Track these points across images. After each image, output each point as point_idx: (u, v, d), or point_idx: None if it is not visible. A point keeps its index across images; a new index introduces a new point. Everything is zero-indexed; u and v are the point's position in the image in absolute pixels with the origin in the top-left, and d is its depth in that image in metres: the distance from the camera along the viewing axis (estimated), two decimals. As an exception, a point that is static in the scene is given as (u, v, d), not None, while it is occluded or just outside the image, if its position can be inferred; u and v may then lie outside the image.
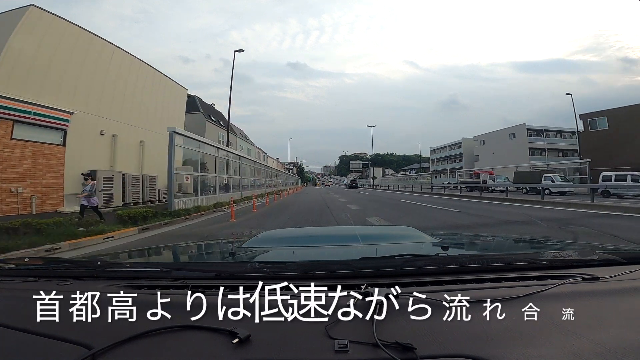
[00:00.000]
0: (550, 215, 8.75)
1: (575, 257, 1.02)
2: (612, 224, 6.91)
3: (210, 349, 0.61)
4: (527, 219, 7.87)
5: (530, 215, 8.58)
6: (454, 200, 15.90)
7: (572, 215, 8.86)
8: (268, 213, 11.02)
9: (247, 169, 21.80)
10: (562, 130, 41.77)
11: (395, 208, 12.08)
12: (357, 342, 0.61)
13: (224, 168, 16.64)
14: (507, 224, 7.52)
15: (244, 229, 7.12)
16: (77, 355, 0.59)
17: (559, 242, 1.58)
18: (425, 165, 75.32)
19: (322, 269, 0.91)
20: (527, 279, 0.87)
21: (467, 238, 2.14)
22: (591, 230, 6.11)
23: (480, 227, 7.27)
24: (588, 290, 0.80)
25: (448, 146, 60.36)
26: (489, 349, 0.59)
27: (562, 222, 7.29)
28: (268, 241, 1.58)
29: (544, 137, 41.31)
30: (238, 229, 7.39)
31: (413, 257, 0.97)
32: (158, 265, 1.06)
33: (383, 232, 2.01)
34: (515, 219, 8.23)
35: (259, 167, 26.69)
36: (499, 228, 7.09)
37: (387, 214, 9.82)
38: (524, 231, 6.18)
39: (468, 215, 9.19)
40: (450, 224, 7.65)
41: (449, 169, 56.71)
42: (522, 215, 8.73)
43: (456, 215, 9.32)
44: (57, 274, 0.96)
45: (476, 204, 13.51)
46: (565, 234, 5.76)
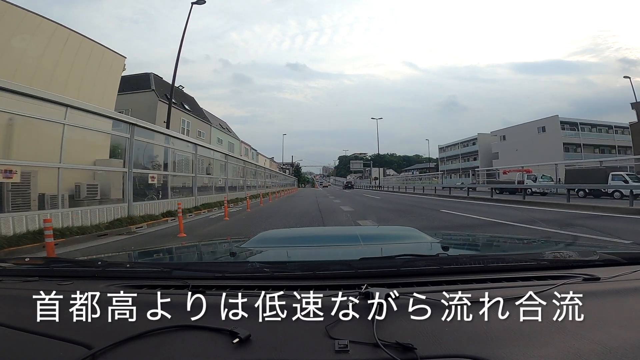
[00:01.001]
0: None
1: (576, 257, 1.03)
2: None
3: (211, 349, 0.61)
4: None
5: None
6: (507, 207, 11.78)
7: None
8: (239, 224, 8.77)
9: (229, 168, 17.88)
10: (598, 124, 37.06)
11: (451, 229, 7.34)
12: (357, 342, 0.60)
13: (189, 165, 13.04)
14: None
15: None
16: (77, 355, 0.59)
17: (559, 242, 1.58)
18: (428, 165, 71.25)
19: (322, 269, 0.91)
20: (528, 279, 0.87)
21: (467, 238, 2.14)
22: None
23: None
24: (589, 291, 0.79)
25: (460, 143, 54.71)
26: (490, 349, 0.59)
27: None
28: (268, 241, 1.58)
29: (579, 130, 35.96)
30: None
31: (413, 257, 0.97)
32: (158, 265, 1.06)
33: (383, 233, 2.01)
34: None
35: (245, 166, 22.74)
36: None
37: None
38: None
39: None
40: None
41: (461, 168, 51.63)
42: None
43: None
44: (57, 274, 0.96)
45: (553, 213, 9.59)
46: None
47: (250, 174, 24.66)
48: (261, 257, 1.32)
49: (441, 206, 13.00)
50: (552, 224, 7.40)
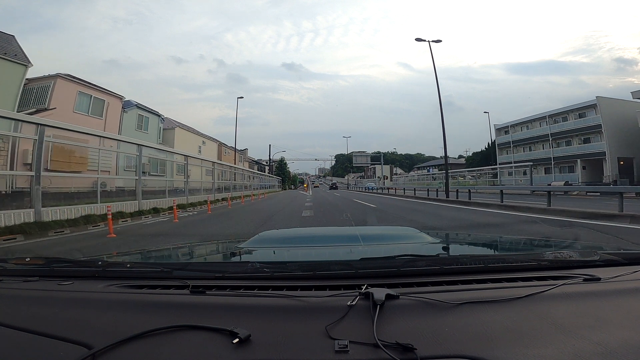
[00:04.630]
0: None
1: (577, 257, 1.02)
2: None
3: (211, 349, 0.61)
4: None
5: None
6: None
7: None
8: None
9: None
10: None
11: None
12: (357, 342, 0.60)
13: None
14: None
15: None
16: (77, 355, 0.59)
17: (560, 242, 1.58)
18: (438, 163, 60.57)
19: (322, 269, 0.91)
20: (528, 279, 0.87)
21: (468, 238, 2.14)
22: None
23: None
24: (589, 291, 0.80)
25: (550, 115, 32.29)
26: (490, 349, 0.59)
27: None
28: (268, 241, 1.58)
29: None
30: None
31: (414, 258, 0.97)
32: (158, 265, 1.06)
33: (384, 233, 2.01)
34: None
35: (158, 157, 14.45)
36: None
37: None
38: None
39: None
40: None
41: (553, 157, 31.12)
42: None
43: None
44: (58, 274, 0.97)
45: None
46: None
47: (170, 169, 15.91)
48: (261, 257, 1.32)
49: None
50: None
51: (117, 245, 5.98)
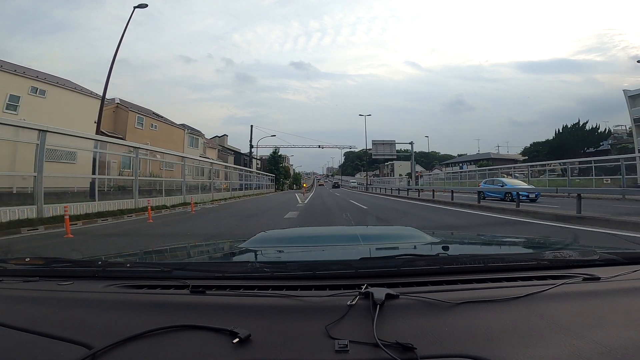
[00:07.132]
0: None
1: (576, 257, 1.02)
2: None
3: (211, 349, 0.61)
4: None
5: None
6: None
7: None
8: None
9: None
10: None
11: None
12: (357, 342, 0.60)
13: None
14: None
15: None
16: (77, 355, 0.59)
17: (559, 242, 1.58)
18: (471, 159, 51.42)
19: (322, 269, 0.91)
20: (528, 278, 0.87)
21: (468, 238, 2.13)
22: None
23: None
24: (589, 290, 0.80)
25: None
26: (490, 349, 0.59)
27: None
28: (268, 241, 1.58)
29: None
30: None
31: (413, 257, 0.97)
32: (158, 265, 1.06)
33: (383, 232, 2.01)
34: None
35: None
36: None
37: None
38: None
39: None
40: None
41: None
42: None
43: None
44: (57, 274, 0.96)
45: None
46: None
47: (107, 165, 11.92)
48: (261, 257, 1.32)
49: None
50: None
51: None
